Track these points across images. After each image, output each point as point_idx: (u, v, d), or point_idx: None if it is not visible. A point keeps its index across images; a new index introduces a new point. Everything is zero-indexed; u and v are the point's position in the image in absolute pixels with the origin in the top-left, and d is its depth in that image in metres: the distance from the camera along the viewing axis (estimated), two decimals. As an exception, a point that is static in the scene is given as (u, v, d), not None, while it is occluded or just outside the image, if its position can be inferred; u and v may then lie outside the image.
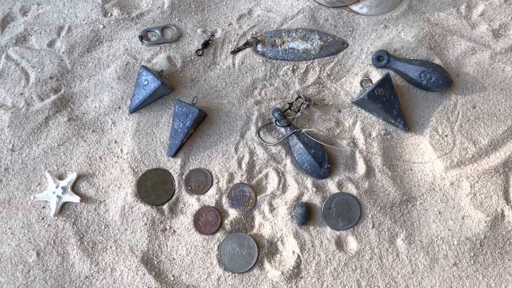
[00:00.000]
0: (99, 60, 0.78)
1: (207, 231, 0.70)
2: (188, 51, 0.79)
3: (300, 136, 0.72)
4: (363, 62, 0.79)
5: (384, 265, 0.69)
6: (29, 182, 0.72)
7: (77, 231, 0.70)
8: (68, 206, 0.71)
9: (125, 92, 0.76)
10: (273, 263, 0.69)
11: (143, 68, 0.73)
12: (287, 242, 0.70)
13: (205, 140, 0.75)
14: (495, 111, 0.77)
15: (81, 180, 0.72)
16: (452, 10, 0.83)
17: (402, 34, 0.80)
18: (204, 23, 0.81)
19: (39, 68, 0.77)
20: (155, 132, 0.75)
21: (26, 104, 0.76)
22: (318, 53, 0.79)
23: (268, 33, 0.80)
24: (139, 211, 0.71)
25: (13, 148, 0.74)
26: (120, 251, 0.69)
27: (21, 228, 0.70)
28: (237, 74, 0.78)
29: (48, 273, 0.68)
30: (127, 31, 0.80)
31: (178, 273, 0.69)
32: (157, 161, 0.73)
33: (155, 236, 0.70)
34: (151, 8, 0.81)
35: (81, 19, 0.80)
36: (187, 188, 0.72)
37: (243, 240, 0.70)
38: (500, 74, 0.79)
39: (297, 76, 0.78)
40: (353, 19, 0.81)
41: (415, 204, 0.72)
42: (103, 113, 0.76)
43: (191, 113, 0.71)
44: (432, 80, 0.74)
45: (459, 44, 0.80)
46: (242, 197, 0.72)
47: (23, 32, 0.80)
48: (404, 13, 0.82)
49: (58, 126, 0.75)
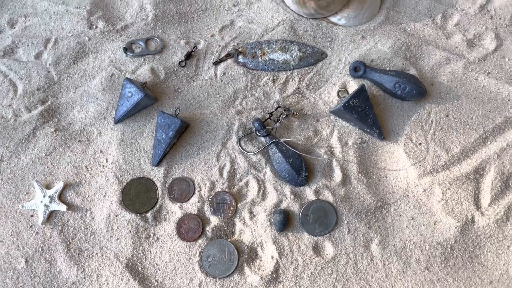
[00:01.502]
0: (85, 71, 0.81)
1: (189, 237, 0.73)
2: (171, 62, 0.81)
3: (279, 145, 0.75)
4: (341, 72, 0.82)
5: (359, 269, 0.72)
6: (18, 191, 0.75)
7: (64, 238, 0.73)
8: (55, 215, 0.74)
9: (110, 103, 0.79)
10: (252, 268, 0.72)
11: (126, 80, 0.75)
12: (266, 248, 0.73)
13: (187, 149, 0.77)
14: (468, 119, 0.79)
15: (68, 189, 0.75)
16: (428, 21, 0.86)
17: (379, 45, 0.83)
18: (187, 34, 0.84)
19: (26, 79, 0.80)
20: (139, 142, 0.77)
21: (14, 115, 0.78)
22: (297, 64, 0.81)
23: (249, 44, 0.82)
24: (123, 218, 0.74)
25: (1, 158, 0.76)
26: (106, 257, 0.72)
27: (10, 236, 0.73)
28: (219, 84, 0.81)
29: (37, 279, 0.71)
30: (112, 43, 0.82)
31: (161, 278, 0.72)
32: (141, 170, 0.76)
33: (139, 243, 0.73)
34: (135, 20, 0.83)
35: (67, 31, 0.83)
36: (170, 196, 0.75)
37: (224, 246, 0.72)
38: (473, 83, 0.82)
39: (277, 86, 0.81)
40: (332, 30, 0.84)
41: (389, 210, 0.75)
42: (89, 124, 0.78)
43: (173, 124, 0.74)
44: (406, 90, 0.77)
45: (434, 54, 0.83)
46: (223, 205, 0.74)
47: (11, 44, 0.82)
48: (381, 24, 0.84)
49: (45, 137, 0.77)
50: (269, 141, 0.75)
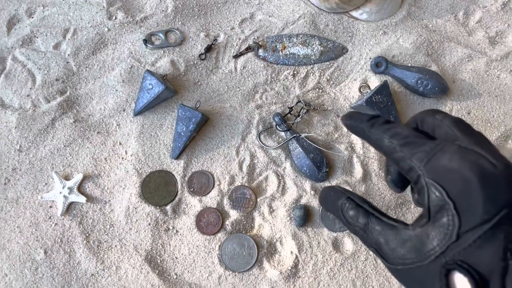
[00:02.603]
0: (104, 62, 0.80)
1: (208, 231, 0.73)
2: (191, 55, 0.81)
3: (299, 140, 0.74)
4: (362, 67, 0.81)
5: (379, 265, 0.72)
6: (36, 182, 0.75)
7: (83, 230, 0.72)
8: (75, 206, 0.73)
9: (130, 95, 0.78)
10: (272, 263, 0.72)
11: (147, 72, 0.75)
12: (285, 243, 0.73)
13: (207, 143, 0.77)
14: (489, 117, 0.79)
15: (87, 181, 0.75)
16: (450, 17, 0.85)
17: (401, 41, 0.82)
18: (207, 27, 0.83)
19: (45, 70, 0.79)
20: (159, 134, 0.77)
21: (33, 105, 0.78)
22: (318, 58, 0.81)
23: (270, 38, 0.82)
24: (143, 211, 0.73)
25: (20, 148, 0.76)
26: (125, 249, 0.72)
27: (29, 227, 0.73)
28: (239, 78, 0.80)
29: (55, 270, 0.71)
30: (131, 34, 0.81)
31: (180, 271, 0.72)
32: (161, 163, 0.76)
33: (158, 235, 0.73)
34: (155, 11, 0.83)
35: (86, 21, 0.82)
36: (190, 190, 0.74)
37: (243, 240, 0.72)
38: (495, 81, 0.81)
39: (297, 81, 0.80)
40: (353, 25, 0.83)
41: (409, 207, 0.74)
42: (108, 115, 0.78)
43: (194, 117, 0.73)
44: (428, 87, 0.77)
45: (456, 50, 0.82)
46: (242, 199, 0.74)
47: (29, 34, 0.81)
48: (403, 20, 0.84)
49: (64, 128, 0.77)
50: (289, 136, 0.75)
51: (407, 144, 0.51)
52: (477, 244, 0.44)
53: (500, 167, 0.46)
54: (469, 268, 0.44)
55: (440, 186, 0.47)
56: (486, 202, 0.44)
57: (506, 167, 0.47)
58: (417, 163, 0.49)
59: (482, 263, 0.43)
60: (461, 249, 0.44)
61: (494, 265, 0.43)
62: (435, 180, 0.47)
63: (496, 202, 0.44)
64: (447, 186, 0.46)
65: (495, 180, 0.45)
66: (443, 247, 0.45)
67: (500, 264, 0.42)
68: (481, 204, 0.44)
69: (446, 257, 0.45)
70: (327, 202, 0.59)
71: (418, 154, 0.50)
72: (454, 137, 0.51)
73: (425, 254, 0.47)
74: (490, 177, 0.45)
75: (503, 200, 0.44)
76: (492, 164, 0.47)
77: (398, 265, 0.50)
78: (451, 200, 0.46)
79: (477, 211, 0.44)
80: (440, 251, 0.46)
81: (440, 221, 0.46)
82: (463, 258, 0.44)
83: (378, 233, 0.52)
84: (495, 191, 0.45)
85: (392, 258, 0.50)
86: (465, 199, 0.45)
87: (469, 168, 0.46)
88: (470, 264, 0.44)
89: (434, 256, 0.46)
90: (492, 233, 0.43)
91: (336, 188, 0.59)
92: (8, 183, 0.74)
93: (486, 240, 0.43)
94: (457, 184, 0.46)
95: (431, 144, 0.51)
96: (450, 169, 0.47)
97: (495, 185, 0.45)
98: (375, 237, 0.52)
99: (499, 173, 0.46)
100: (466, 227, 0.45)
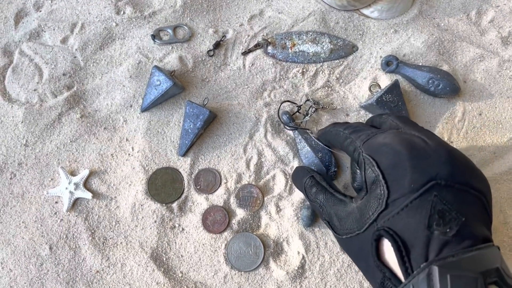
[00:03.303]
0: (112, 58, 0.80)
1: (215, 230, 0.72)
2: (199, 51, 0.80)
3: (308, 139, 0.73)
4: (372, 66, 0.80)
5: (386, 267, 0.71)
6: (42, 177, 0.74)
7: (89, 226, 0.72)
8: (80, 202, 0.73)
9: (137, 91, 0.77)
10: (278, 263, 0.71)
11: (155, 68, 0.74)
12: (292, 243, 0.72)
13: (214, 140, 0.76)
14: (501, 118, 0.78)
15: (93, 177, 0.74)
16: (462, 16, 0.83)
17: (412, 39, 0.81)
18: (216, 23, 0.82)
19: (52, 64, 0.78)
20: (166, 131, 0.76)
21: (40, 100, 0.77)
22: (328, 56, 0.80)
23: (279, 35, 0.81)
24: (149, 208, 0.73)
25: (26, 143, 0.75)
26: (130, 247, 0.71)
27: (34, 222, 0.72)
28: (247, 75, 0.79)
29: (61, 266, 0.70)
30: (139, 29, 0.81)
31: (186, 270, 0.71)
32: (167, 160, 0.75)
33: (164, 233, 0.72)
34: (163, 7, 0.82)
35: (94, 16, 0.81)
36: (196, 188, 0.74)
37: (250, 239, 0.71)
38: (507, 82, 0.80)
39: (306, 79, 0.79)
40: (364, 23, 0.82)
41: (418, 208, 0.73)
42: (115, 111, 0.77)
43: (202, 114, 0.73)
44: (440, 87, 0.75)
45: (468, 50, 0.81)
46: (249, 198, 0.73)
47: (37, 28, 0.81)
48: (415, 18, 0.82)
49: (71, 123, 0.76)
50: (298, 134, 0.74)
51: (355, 131, 0.57)
52: (405, 212, 0.45)
53: (432, 144, 0.49)
54: (394, 234, 0.45)
55: (372, 159, 0.50)
56: (413, 173, 0.46)
57: (437, 145, 0.49)
58: (359, 143, 0.54)
59: (407, 230, 0.45)
60: (390, 216, 0.46)
61: (419, 233, 0.44)
62: (369, 154, 0.51)
63: (424, 174, 0.46)
64: (379, 159, 0.49)
65: (424, 154, 0.48)
66: (375, 215, 0.48)
67: (424, 233, 0.44)
68: (409, 174, 0.46)
69: (377, 224, 0.48)
70: (296, 180, 0.67)
71: (361, 136, 0.55)
72: (397, 127, 0.56)
73: (363, 223, 0.50)
74: (420, 150, 0.48)
75: (431, 172, 0.46)
76: (425, 141, 0.49)
77: (343, 235, 0.54)
78: (380, 171, 0.48)
79: (405, 181, 0.46)
80: (373, 218, 0.48)
81: (375, 191, 0.49)
82: (390, 225, 0.46)
83: (330, 207, 0.57)
84: (423, 163, 0.47)
85: (340, 229, 0.54)
86: (394, 169, 0.48)
87: (399, 142, 0.49)
88: (396, 231, 0.46)
89: (368, 223, 0.49)
90: (420, 202, 0.45)
91: (303, 168, 0.67)
92: (14, 178, 0.74)
93: (413, 209, 0.45)
94: (387, 156, 0.49)
95: (375, 129, 0.56)
96: (383, 144, 0.50)
97: (424, 158, 0.47)
98: (328, 211, 0.57)
99: (430, 149, 0.48)
100: (394, 196, 0.47)
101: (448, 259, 0.41)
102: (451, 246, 0.42)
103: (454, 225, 0.43)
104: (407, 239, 0.45)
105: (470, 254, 0.41)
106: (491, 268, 0.41)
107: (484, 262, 0.41)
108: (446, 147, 0.50)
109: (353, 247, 0.53)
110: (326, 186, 0.61)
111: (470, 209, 0.45)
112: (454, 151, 0.50)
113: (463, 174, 0.47)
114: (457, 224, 0.43)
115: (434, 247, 0.43)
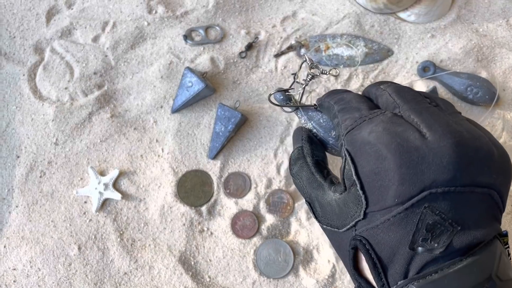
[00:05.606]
0: (143, 57, 0.79)
1: (244, 235, 0.71)
2: (231, 52, 0.79)
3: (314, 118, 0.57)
4: (408, 71, 0.78)
5: (419, 279, 0.69)
6: (72, 177, 0.74)
7: (117, 227, 0.71)
8: (109, 203, 0.72)
9: (168, 92, 0.77)
10: (308, 271, 0.70)
11: (187, 69, 0.73)
12: (322, 251, 0.70)
13: (244, 144, 0.75)
14: (541, 129, 0.75)
15: (122, 177, 0.74)
16: (502, 22, 0.81)
17: (450, 45, 0.79)
18: (248, 24, 0.81)
19: (83, 63, 0.78)
20: (196, 133, 0.75)
21: (71, 98, 0.77)
22: (362, 60, 0.78)
23: (313, 37, 0.79)
24: (178, 211, 0.72)
25: (56, 142, 0.75)
26: (159, 249, 0.71)
27: (63, 222, 0.72)
28: (279, 78, 0.78)
29: (89, 267, 0.70)
30: (171, 29, 0.80)
31: (214, 274, 0.70)
32: (197, 163, 0.74)
33: (192, 236, 0.71)
34: (195, 7, 0.81)
35: (126, 15, 0.81)
36: (226, 191, 0.73)
37: (280, 246, 0.70)
38: (548, 91, 0.77)
39: (340, 83, 0.77)
40: (400, 27, 0.80)
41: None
42: (145, 112, 0.76)
43: (233, 117, 0.72)
44: (478, 95, 0.73)
45: (508, 57, 0.78)
46: (279, 203, 0.72)
47: (68, 25, 0.80)
48: (452, 23, 0.80)
49: (101, 123, 0.76)
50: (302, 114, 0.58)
51: (343, 110, 0.48)
52: (385, 226, 0.39)
53: (431, 139, 0.39)
54: (370, 249, 0.40)
55: (351, 161, 0.42)
56: (400, 185, 0.38)
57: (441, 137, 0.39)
58: (343, 131, 0.45)
59: (386, 245, 0.39)
60: (369, 227, 0.41)
61: (399, 249, 0.39)
62: (350, 153, 0.43)
63: (414, 185, 0.38)
64: (360, 162, 0.41)
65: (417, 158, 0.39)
66: (353, 221, 0.42)
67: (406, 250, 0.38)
68: (394, 186, 0.39)
69: (356, 230, 0.42)
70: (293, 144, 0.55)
71: (347, 121, 0.46)
72: (394, 105, 0.45)
73: (342, 222, 0.44)
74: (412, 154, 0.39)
75: (424, 181, 0.38)
76: (423, 136, 0.40)
77: (324, 224, 0.47)
78: (359, 180, 0.41)
79: (387, 194, 0.39)
80: (352, 224, 0.43)
81: (354, 194, 0.42)
82: (368, 236, 0.41)
83: (311, 189, 0.49)
84: (415, 171, 0.38)
85: (321, 217, 0.48)
86: (376, 178, 0.40)
87: (387, 143, 0.40)
88: (373, 244, 0.40)
89: (348, 227, 0.43)
90: (405, 216, 0.38)
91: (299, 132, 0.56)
92: (44, 176, 0.74)
93: (395, 224, 0.39)
94: (369, 160, 0.41)
95: (365, 111, 0.46)
96: (367, 142, 0.42)
97: (416, 164, 0.39)
98: (309, 192, 0.50)
99: (428, 147, 0.39)
100: (374, 208, 0.40)
101: (429, 277, 0.36)
102: (437, 260, 0.37)
103: (446, 238, 0.37)
104: (384, 256, 0.40)
105: (458, 267, 0.36)
106: (482, 281, 0.36)
107: (474, 274, 0.36)
108: (453, 136, 0.39)
109: (333, 240, 0.47)
110: (310, 163, 0.51)
111: (473, 211, 0.38)
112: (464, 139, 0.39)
113: (469, 172, 0.38)
114: (449, 237, 0.37)
115: (417, 263, 0.38)
